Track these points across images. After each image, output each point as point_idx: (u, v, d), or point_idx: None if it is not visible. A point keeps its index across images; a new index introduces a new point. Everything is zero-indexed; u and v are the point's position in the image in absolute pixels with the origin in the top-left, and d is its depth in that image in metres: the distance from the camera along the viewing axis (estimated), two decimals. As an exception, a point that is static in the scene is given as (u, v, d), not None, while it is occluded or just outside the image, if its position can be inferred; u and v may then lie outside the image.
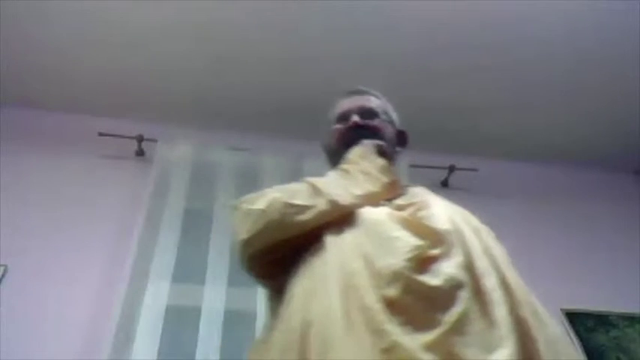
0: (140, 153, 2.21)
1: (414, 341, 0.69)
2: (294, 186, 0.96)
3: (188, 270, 1.89)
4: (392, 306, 0.73)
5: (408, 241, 0.82)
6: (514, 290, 0.81)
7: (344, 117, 1.18)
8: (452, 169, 2.37)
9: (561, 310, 2.06)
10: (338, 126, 1.19)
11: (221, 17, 1.95)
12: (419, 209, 0.93)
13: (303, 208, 0.89)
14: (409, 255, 0.79)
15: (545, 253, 2.22)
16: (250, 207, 0.93)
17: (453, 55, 2.11)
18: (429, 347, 0.68)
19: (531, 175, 2.60)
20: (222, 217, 2.01)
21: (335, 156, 1.15)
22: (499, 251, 0.92)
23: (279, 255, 0.93)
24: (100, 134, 2.16)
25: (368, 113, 1.18)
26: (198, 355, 1.67)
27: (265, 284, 1.02)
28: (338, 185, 0.96)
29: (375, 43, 2.06)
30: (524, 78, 2.22)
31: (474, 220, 1.00)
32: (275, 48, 2.08)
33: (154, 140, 2.18)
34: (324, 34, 2.02)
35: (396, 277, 0.76)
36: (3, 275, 1.80)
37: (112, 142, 2.17)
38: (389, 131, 1.19)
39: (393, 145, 1.19)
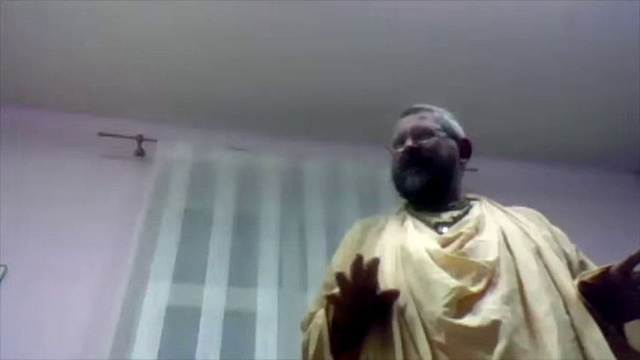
0: (140, 153, 2.21)
1: None
2: None
3: (188, 270, 1.89)
4: (440, 349, 0.78)
5: (446, 285, 0.84)
6: (570, 308, 0.83)
7: (400, 140, 1.21)
8: (452, 169, 2.37)
9: (561, 310, 2.06)
10: (396, 150, 1.21)
11: (221, 17, 1.95)
12: (466, 240, 0.95)
13: None
14: (447, 300, 0.82)
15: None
16: None
17: (453, 55, 2.10)
18: None
19: (531, 175, 2.60)
20: (222, 217, 2.01)
21: (397, 180, 1.18)
22: (562, 265, 0.93)
23: None
24: (100, 134, 2.16)
25: (423, 133, 1.20)
26: (198, 355, 1.67)
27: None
28: None
29: (375, 43, 2.06)
30: (525, 78, 2.22)
31: (544, 228, 1.04)
32: (275, 48, 2.08)
33: (154, 140, 2.18)
34: (324, 34, 2.02)
35: (439, 323, 0.80)
36: (3, 275, 1.80)
37: (112, 142, 2.17)
38: (446, 147, 1.22)
39: (453, 159, 1.24)
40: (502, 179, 2.50)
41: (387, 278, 0.90)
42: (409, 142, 1.16)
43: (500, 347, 0.76)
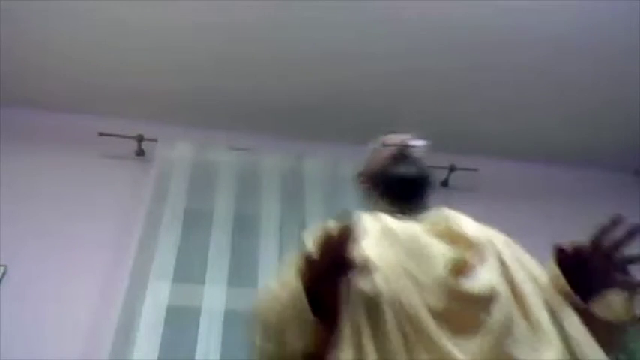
0: (140, 153, 2.21)
1: (466, 351, 0.73)
2: None
3: (188, 270, 1.89)
4: (437, 314, 0.77)
5: (444, 252, 0.86)
6: (549, 295, 0.86)
7: (390, 143, 1.21)
8: (452, 169, 2.38)
9: (561, 310, 2.06)
10: (383, 149, 1.21)
11: (221, 18, 1.95)
12: (449, 222, 0.97)
13: None
14: (447, 262, 0.83)
15: (546, 252, 2.22)
16: None
17: (453, 55, 2.11)
18: (483, 352, 0.73)
19: (531, 175, 2.60)
20: (222, 217, 2.01)
21: (383, 173, 1.16)
22: (530, 261, 0.97)
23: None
24: (100, 134, 2.15)
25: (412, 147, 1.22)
26: (198, 355, 1.67)
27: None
28: None
29: (375, 44, 2.06)
30: (524, 78, 2.22)
31: (501, 236, 1.04)
32: (275, 48, 2.08)
33: (154, 140, 2.18)
34: (324, 35, 2.02)
35: (438, 285, 0.80)
36: (3, 275, 1.80)
37: (112, 142, 2.17)
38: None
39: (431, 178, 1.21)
40: (502, 179, 2.51)
41: (373, 258, 0.86)
42: (402, 140, 1.16)
43: (501, 312, 0.78)
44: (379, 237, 0.92)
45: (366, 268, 0.83)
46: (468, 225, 0.95)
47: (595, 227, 0.91)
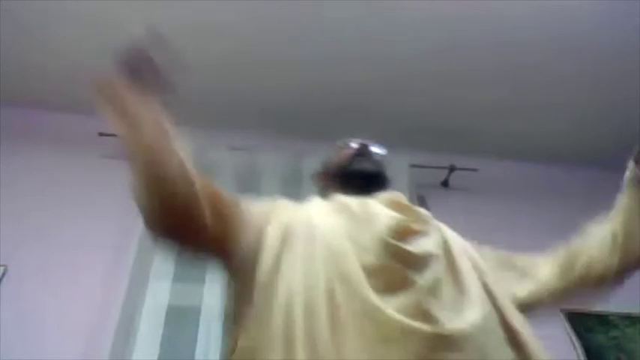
0: (140, 153, 2.21)
1: (389, 301, 0.73)
2: None
3: (188, 270, 1.89)
4: (370, 271, 0.77)
5: (389, 214, 0.88)
6: (487, 276, 0.88)
7: (349, 145, 1.24)
8: (452, 169, 2.38)
9: (561, 310, 2.05)
10: (344, 150, 1.23)
11: (221, 18, 1.95)
12: (401, 198, 1.00)
13: None
14: (390, 223, 0.84)
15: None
16: None
17: (453, 56, 2.11)
18: (406, 308, 0.73)
19: (531, 175, 2.60)
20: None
21: (342, 171, 1.18)
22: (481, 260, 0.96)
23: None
24: (100, 134, 2.15)
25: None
26: (198, 355, 1.67)
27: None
28: None
29: (375, 44, 2.06)
30: (525, 79, 2.22)
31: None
32: (275, 48, 2.08)
33: (154, 140, 2.17)
34: (324, 35, 2.02)
35: (376, 243, 0.81)
36: (3, 275, 1.80)
37: (112, 142, 2.16)
38: None
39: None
40: (502, 179, 2.51)
41: (321, 227, 0.87)
42: (363, 142, 1.19)
43: (431, 274, 0.79)
44: (331, 210, 0.93)
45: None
46: (419, 207, 0.98)
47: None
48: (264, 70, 2.17)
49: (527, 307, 0.94)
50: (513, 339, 0.78)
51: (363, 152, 1.16)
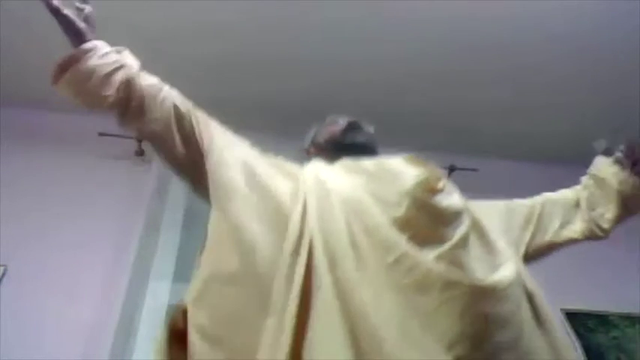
0: (140, 153, 2.21)
1: (422, 253, 0.73)
2: None
3: (188, 270, 1.89)
4: (399, 224, 0.76)
5: (414, 172, 0.86)
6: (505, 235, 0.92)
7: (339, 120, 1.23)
8: (452, 169, 2.38)
9: (561, 310, 2.06)
10: (331, 126, 1.22)
11: (221, 18, 1.95)
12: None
13: None
14: (417, 180, 0.83)
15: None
16: None
17: (453, 56, 2.11)
18: (438, 258, 0.72)
19: (531, 175, 2.60)
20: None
21: (335, 142, 1.17)
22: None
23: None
24: (100, 134, 2.15)
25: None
26: (198, 355, 1.67)
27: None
28: None
29: (375, 44, 2.06)
30: (525, 79, 2.22)
31: None
32: (275, 49, 2.08)
33: (154, 140, 2.18)
34: (324, 36, 2.02)
35: (403, 196, 0.80)
36: (3, 275, 1.80)
37: (112, 142, 2.17)
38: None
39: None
40: (502, 179, 2.51)
41: (333, 184, 0.86)
42: (354, 119, 1.18)
43: (462, 229, 0.79)
44: (340, 171, 0.92)
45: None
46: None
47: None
48: (265, 70, 2.17)
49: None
50: (538, 316, 0.79)
51: (354, 126, 1.15)
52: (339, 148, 1.10)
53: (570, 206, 1.21)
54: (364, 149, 1.08)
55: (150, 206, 1.98)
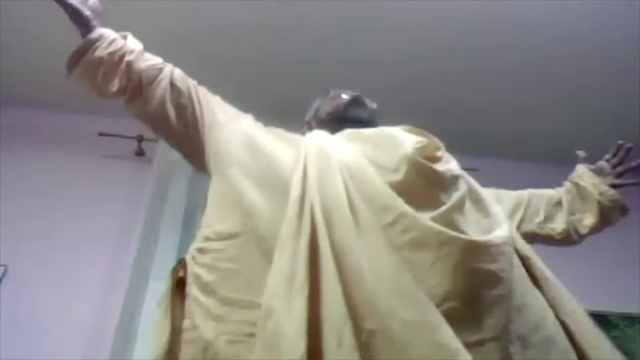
0: (140, 153, 2.21)
1: (419, 214, 0.74)
2: None
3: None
4: (396, 188, 0.77)
5: (413, 138, 0.87)
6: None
7: (341, 95, 1.24)
8: (452, 169, 2.38)
9: (561, 310, 2.06)
10: (334, 99, 1.23)
11: (221, 19, 1.95)
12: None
13: None
14: (416, 146, 0.83)
15: (545, 252, 2.22)
16: None
17: (453, 56, 2.11)
18: (434, 219, 0.74)
19: (531, 175, 2.60)
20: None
21: (335, 117, 1.17)
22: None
23: None
24: (100, 134, 2.16)
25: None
26: (198, 355, 1.67)
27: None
28: None
29: (375, 45, 2.06)
30: (525, 79, 2.22)
31: None
32: (275, 49, 2.08)
33: (154, 140, 2.18)
34: (324, 36, 2.02)
35: (402, 161, 0.80)
36: (3, 275, 1.80)
37: (112, 142, 2.17)
38: None
39: None
40: (502, 179, 2.50)
41: (334, 148, 0.87)
42: (357, 93, 1.18)
43: (458, 193, 0.80)
44: (341, 138, 0.93)
45: None
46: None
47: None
48: (264, 70, 2.17)
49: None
50: (532, 276, 0.83)
51: (356, 101, 1.16)
52: (341, 121, 1.09)
53: (554, 204, 1.25)
54: (366, 124, 1.08)
55: (150, 206, 1.98)
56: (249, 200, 0.81)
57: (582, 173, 1.34)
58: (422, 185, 0.79)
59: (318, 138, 0.91)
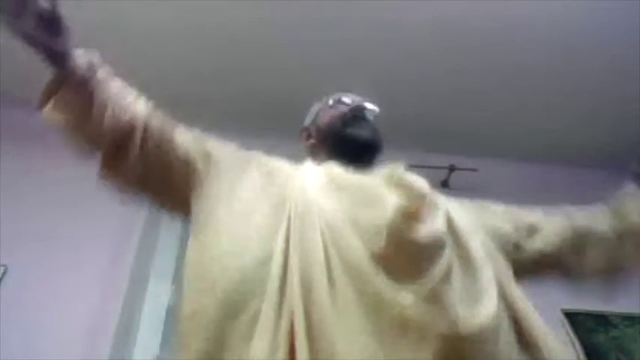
0: (140, 153, 2.21)
1: (399, 292, 0.70)
2: None
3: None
4: (377, 258, 0.73)
5: (391, 199, 0.82)
6: (496, 259, 0.85)
7: (345, 101, 1.16)
8: (452, 169, 2.38)
9: (561, 310, 2.06)
10: (336, 106, 1.15)
11: (221, 19, 1.95)
12: (400, 174, 0.93)
13: None
14: (394, 211, 0.78)
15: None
16: None
17: (452, 56, 2.11)
18: (416, 296, 0.69)
19: (531, 175, 2.60)
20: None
21: (335, 133, 1.11)
22: (491, 210, 0.98)
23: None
24: (100, 134, 2.15)
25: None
26: (198, 355, 1.67)
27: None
28: None
29: (375, 45, 2.06)
30: (525, 79, 2.22)
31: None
32: (275, 49, 2.08)
33: (154, 140, 2.18)
34: (324, 36, 2.02)
35: (383, 229, 0.76)
36: (3, 275, 1.80)
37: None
38: None
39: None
40: (502, 179, 2.51)
41: (319, 204, 0.83)
42: (359, 101, 1.11)
43: (443, 263, 0.75)
44: (325, 185, 0.88)
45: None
46: (418, 179, 0.91)
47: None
48: (264, 70, 2.17)
49: (528, 266, 0.95)
50: (524, 339, 0.76)
51: (356, 114, 1.09)
52: (339, 141, 1.05)
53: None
54: (366, 146, 1.04)
55: (150, 206, 1.98)
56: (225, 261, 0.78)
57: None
58: (403, 255, 0.75)
59: (303, 187, 0.86)
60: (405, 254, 0.75)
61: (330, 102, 1.15)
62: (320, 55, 2.11)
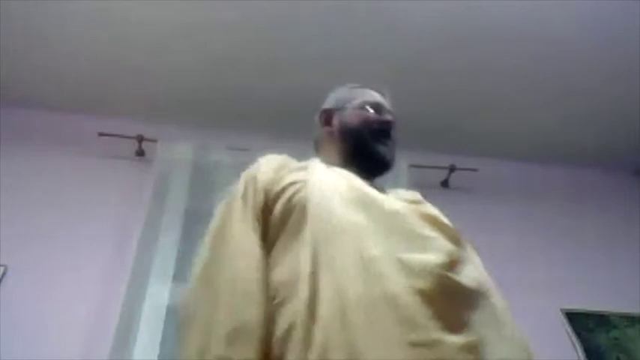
0: (140, 153, 2.21)
1: (449, 338, 0.69)
2: None
3: (188, 270, 1.88)
4: (422, 297, 0.71)
5: (443, 244, 0.82)
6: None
7: (376, 106, 1.13)
8: (452, 169, 2.38)
9: (561, 310, 2.05)
10: (367, 111, 1.12)
11: (221, 18, 1.95)
12: (426, 207, 0.95)
13: None
14: (445, 257, 0.78)
15: (546, 253, 2.22)
16: None
17: (452, 55, 2.11)
18: (465, 348, 0.69)
19: (531, 175, 2.60)
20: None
21: (360, 138, 1.09)
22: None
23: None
24: (100, 134, 2.15)
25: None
26: (198, 355, 1.66)
27: None
28: None
29: (374, 43, 2.06)
30: (525, 78, 2.22)
31: None
32: (275, 48, 2.08)
33: (154, 140, 2.18)
34: (323, 34, 2.02)
35: (428, 272, 0.75)
36: (3, 275, 1.80)
37: (112, 142, 2.17)
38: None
39: None
40: (502, 179, 2.51)
41: (337, 214, 0.82)
42: (389, 117, 1.11)
43: (483, 309, 0.77)
44: (347, 194, 0.87)
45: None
46: (444, 217, 0.92)
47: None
48: (264, 70, 2.17)
49: None
50: None
51: (385, 130, 1.08)
52: (363, 148, 1.05)
53: None
54: (383, 167, 1.06)
55: (150, 206, 1.98)
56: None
57: None
58: (445, 300, 0.73)
59: (323, 196, 0.86)
60: (450, 298, 0.74)
61: (358, 101, 1.14)
62: (323, 52, 2.11)
